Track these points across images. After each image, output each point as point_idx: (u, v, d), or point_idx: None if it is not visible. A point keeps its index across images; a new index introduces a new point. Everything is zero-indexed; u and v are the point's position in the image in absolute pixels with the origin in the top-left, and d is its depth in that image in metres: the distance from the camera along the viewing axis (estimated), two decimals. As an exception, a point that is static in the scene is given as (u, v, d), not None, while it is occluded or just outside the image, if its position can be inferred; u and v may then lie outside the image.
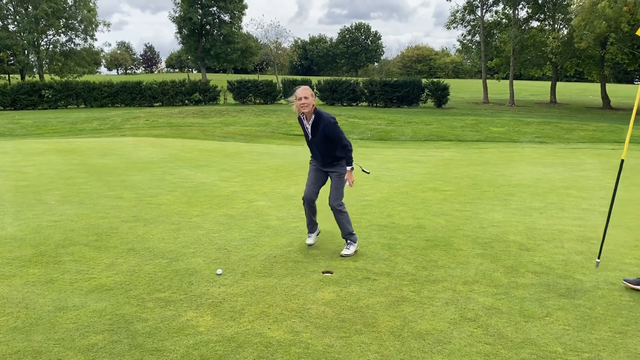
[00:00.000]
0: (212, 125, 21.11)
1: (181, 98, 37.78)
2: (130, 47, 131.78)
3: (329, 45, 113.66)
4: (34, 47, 56.10)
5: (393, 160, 13.13)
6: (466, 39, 46.99)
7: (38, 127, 22.85)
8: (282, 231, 6.19)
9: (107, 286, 4.42)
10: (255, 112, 26.76)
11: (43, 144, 16.42)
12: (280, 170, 11.20)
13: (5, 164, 11.75)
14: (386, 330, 3.62)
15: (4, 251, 5.37)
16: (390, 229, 6.27)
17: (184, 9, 59.79)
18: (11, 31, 56.14)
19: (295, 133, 20.36)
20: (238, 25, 63.85)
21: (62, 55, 57.91)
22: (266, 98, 38.92)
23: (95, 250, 5.44)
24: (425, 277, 4.66)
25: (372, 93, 37.81)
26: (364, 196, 8.30)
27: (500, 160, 12.91)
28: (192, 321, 3.75)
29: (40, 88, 36.51)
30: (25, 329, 3.60)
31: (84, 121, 24.62)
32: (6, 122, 24.44)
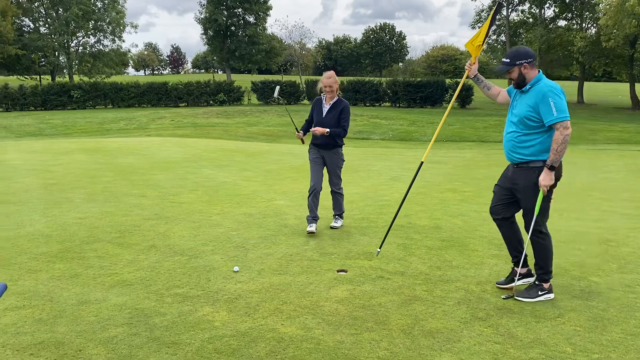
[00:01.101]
0: (235, 126, 21.37)
1: (206, 98, 38.31)
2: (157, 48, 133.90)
3: (353, 46, 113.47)
4: (64, 48, 57.40)
5: (413, 161, 13.13)
6: (491, 38, 46.53)
7: (67, 127, 23.43)
8: (300, 230, 6.29)
9: (128, 281, 4.58)
10: (278, 112, 26.96)
11: (71, 143, 16.85)
12: (301, 170, 11.30)
13: (34, 163, 12.12)
14: (397, 328, 3.69)
15: (32, 247, 5.58)
16: (406, 229, 6.32)
17: (210, 11, 60.47)
18: (42, 33, 57.55)
19: (317, 133, 20.53)
20: (263, 26, 64.31)
21: (91, 57, 59.09)
22: (289, 98, 39.19)
23: (118, 247, 5.62)
24: (439, 277, 4.70)
25: (395, 93, 37.77)
26: (381, 196, 8.35)
27: (523, 161, 12.79)
28: (207, 316, 3.87)
29: (70, 89, 37.42)
30: (50, 321, 3.76)
31: (111, 121, 25.15)
32: (37, 122, 25.11)
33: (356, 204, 7.80)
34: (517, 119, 4.09)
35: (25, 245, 5.63)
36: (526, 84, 4.08)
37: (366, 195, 8.44)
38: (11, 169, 11.18)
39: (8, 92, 35.85)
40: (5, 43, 46.77)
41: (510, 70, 4.08)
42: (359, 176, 10.51)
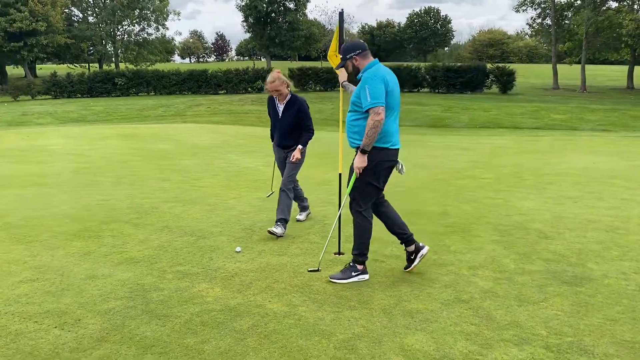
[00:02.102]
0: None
1: (244, 86, 38.80)
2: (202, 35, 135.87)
3: (396, 30, 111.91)
4: (110, 37, 59.14)
5: (440, 148, 13.07)
6: (536, 22, 45.14)
7: (108, 113, 24.30)
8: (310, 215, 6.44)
9: (135, 259, 4.86)
10: (312, 99, 27.10)
11: (109, 129, 17.51)
12: (324, 156, 11.44)
13: (72, 148, 12.73)
14: (378, 307, 3.82)
15: (54, 226, 5.96)
16: (414, 215, 6.37)
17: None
18: (91, 22, 59.41)
19: (349, 120, 20.57)
20: (302, 12, 64.40)
21: (136, 45, 60.62)
22: (327, 85, 39.23)
23: (133, 227, 5.94)
24: (433, 260, 4.78)
25: (435, 79, 37.26)
26: (398, 184, 8.40)
27: (552, 148, 12.54)
28: (202, 292, 4.10)
29: (114, 76, 38.61)
30: (57, 293, 4.07)
31: (150, 108, 25.90)
32: (80, 108, 26.13)
33: (370, 189, 7.89)
34: (351, 105, 4.28)
35: (49, 224, 6.02)
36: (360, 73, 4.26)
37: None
38: (49, 154, 11.79)
39: (56, 80, 37.33)
40: (55, 32, 48.62)
41: (345, 65, 4.31)
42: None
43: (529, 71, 57.46)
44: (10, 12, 44.26)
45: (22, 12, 44.60)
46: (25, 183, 8.48)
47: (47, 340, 3.34)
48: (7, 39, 45.07)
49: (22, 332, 3.44)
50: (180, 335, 3.42)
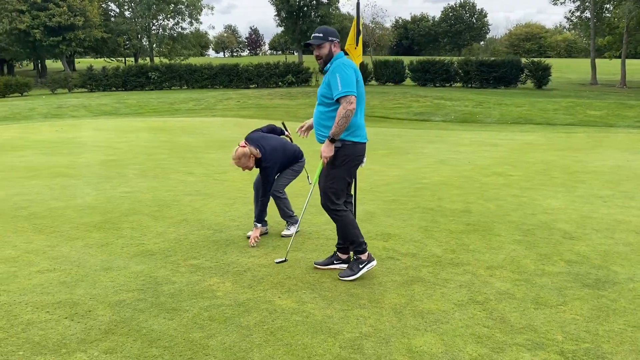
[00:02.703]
0: (297, 107, 21.68)
1: (275, 80, 38.90)
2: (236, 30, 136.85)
3: (431, 24, 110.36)
4: (145, 31, 60.10)
5: (467, 144, 12.82)
6: (574, 15, 43.86)
7: (140, 106, 24.70)
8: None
9: (151, 251, 4.90)
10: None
11: (140, 122, 17.80)
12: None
13: (102, 140, 12.97)
14: (389, 306, 3.74)
15: (77, 217, 6.06)
16: (434, 212, 6.26)
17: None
18: (127, 17, 60.49)
19: (377, 115, 20.36)
20: (335, 6, 64.12)
21: (170, 39, 61.45)
22: (357, 79, 38.95)
23: (153, 220, 5.99)
24: (450, 260, 4.67)
25: (467, 73, 36.60)
26: (420, 179, 8.28)
27: (585, 145, 12.15)
28: (213, 286, 4.09)
29: (148, 70, 39.23)
30: (72, 284, 4.13)
31: (181, 101, 26.21)
32: (114, 101, 26.64)
33: (391, 185, 7.79)
34: (319, 99, 4.11)
35: (71, 216, 6.12)
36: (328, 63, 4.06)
37: (405, 178, 8.39)
38: (79, 146, 12.03)
39: (92, 73, 38.17)
40: (92, 27, 49.70)
41: (322, 44, 4.01)
42: (405, 158, 10.43)
43: (566, 66, 55.94)
44: (50, 7, 45.43)
45: (61, 7, 45.71)
46: (54, 174, 8.67)
47: (56, 331, 3.38)
48: (47, 33, 46.29)
49: (33, 322, 3.49)
50: (187, 329, 3.41)
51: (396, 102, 23.95)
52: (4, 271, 4.39)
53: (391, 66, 39.02)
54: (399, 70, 38.85)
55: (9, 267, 4.48)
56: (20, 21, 44.29)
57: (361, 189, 7.53)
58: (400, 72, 38.82)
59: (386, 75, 39.12)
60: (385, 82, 39.18)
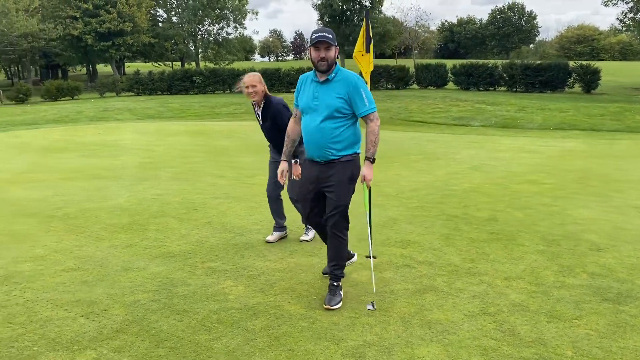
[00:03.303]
0: (334, 111, 21.75)
1: (316, 83, 39.02)
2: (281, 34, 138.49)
3: (477, 27, 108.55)
4: (192, 36, 61.53)
5: (505, 150, 12.54)
6: (627, 16, 42.22)
7: (182, 110, 25.29)
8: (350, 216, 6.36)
9: (172, 253, 5.02)
10: (380, 97, 26.87)
11: (180, 126, 18.24)
12: (380, 156, 11.25)
13: (141, 143, 13.36)
14: (397, 315, 3.71)
15: (107, 218, 6.28)
16: (457, 220, 6.17)
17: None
18: (174, 22, 62.11)
19: (415, 119, 20.17)
20: (378, 10, 63.96)
21: (215, 44, 62.70)
22: (398, 83, 38.74)
23: (179, 222, 6.13)
24: (467, 269, 4.59)
25: (512, 77, 35.74)
26: (449, 186, 8.16)
27: (629, 153, 11.68)
28: (226, 289, 4.17)
29: (192, 75, 40.08)
30: (92, 283, 4.28)
31: (222, 105, 26.70)
32: (158, 105, 27.37)
33: (418, 192, 7.72)
34: (327, 110, 3.69)
35: (102, 216, 6.35)
36: (332, 71, 3.73)
37: (433, 184, 8.29)
38: (119, 148, 12.44)
39: (139, 77, 39.30)
40: (140, 32, 51.25)
41: (331, 47, 3.64)
42: (436, 164, 10.30)
43: (619, 69, 53.86)
44: (101, 14, 47.13)
45: (111, 14, 47.34)
46: (91, 176, 9.00)
47: (71, 328, 3.52)
48: (97, 39, 48.03)
49: (50, 319, 3.64)
50: (194, 331, 3.49)
51: (435, 106, 23.66)
52: (32, 269, 4.59)
53: (433, 70, 38.56)
54: (441, 74, 38.35)
55: (36, 265, 4.68)
56: (73, 27, 46.12)
57: (386, 195, 7.50)
58: (442, 76, 38.31)
59: (428, 79, 38.68)
60: (427, 85, 38.73)
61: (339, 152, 3.77)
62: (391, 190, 7.85)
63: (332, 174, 3.80)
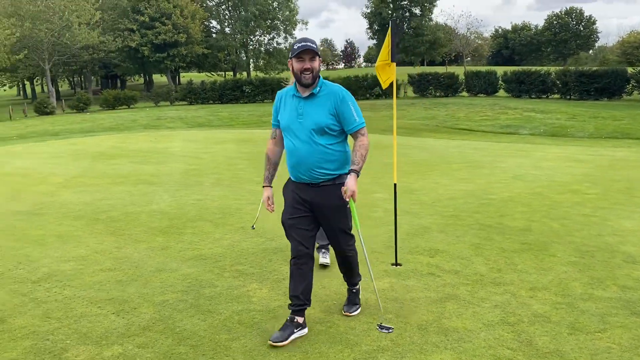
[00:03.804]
0: (378, 119, 21.70)
1: (363, 92, 39.17)
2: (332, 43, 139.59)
3: (533, 33, 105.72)
4: (243, 46, 62.95)
5: (552, 159, 12.21)
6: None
7: (231, 119, 25.92)
8: (381, 223, 6.42)
9: (203, 256, 5.22)
10: (427, 105, 26.69)
11: (228, 134, 18.71)
12: (420, 164, 11.26)
13: (188, 151, 13.81)
14: (415, 322, 3.73)
15: (148, 221, 6.57)
16: (490, 230, 6.09)
17: (375, 5, 61.48)
18: (227, 33, 63.75)
19: (461, 127, 19.89)
20: (428, 18, 63.52)
21: (266, 54, 63.89)
22: (447, 91, 38.33)
23: (214, 226, 6.34)
24: (493, 279, 4.55)
25: (566, 84, 34.71)
26: (487, 195, 8.04)
27: (685, 162, 11.14)
28: (250, 292, 4.30)
29: (242, 84, 41.05)
30: (126, 283, 4.52)
31: (269, 114, 27.08)
32: (208, 114, 28.16)
33: (455, 200, 7.65)
34: (315, 128, 3.37)
35: (143, 220, 6.64)
36: (316, 84, 3.41)
37: (472, 193, 8.19)
38: (167, 155, 12.92)
39: (192, 87, 40.59)
40: (194, 43, 52.89)
41: (315, 57, 3.34)
42: (478, 173, 10.16)
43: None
44: (157, 26, 48.97)
45: (166, 26, 49.12)
46: (138, 181, 9.41)
47: (102, 325, 3.73)
48: (153, 50, 49.91)
49: (84, 315, 3.88)
50: (215, 331, 3.63)
51: (483, 114, 23.26)
52: (73, 268, 4.88)
53: (483, 77, 37.98)
54: (491, 82, 37.71)
55: (78, 265, 4.97)
56: (131, 39, 48.14)
57: (422, 203, 7.49)
58: (492, 83, 37.67)
59: (478, 86, 38.12)
60: (477, 93, 38.16)
61: (331, 173, 3.46)
62: (427, 199, 7.82)
63: (324, 198, 3.48)
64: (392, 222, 6.41)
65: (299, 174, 3.50)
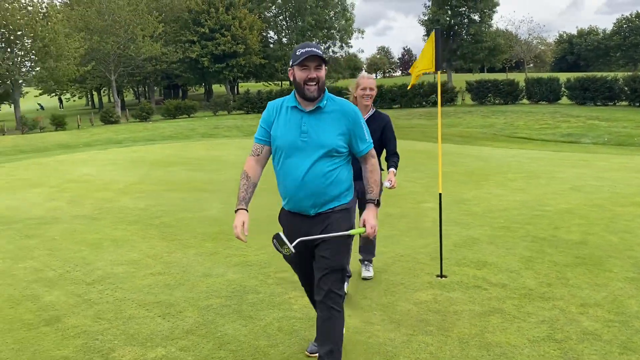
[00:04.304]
0: (433, 127, 21.40)
1: (419, 100, 38.75)
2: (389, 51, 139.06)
3: (600, 38, 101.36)
4: (300, 56, 63.72)
5: (615, 169, 11.63)
6: None
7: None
8: (428, 234, 6.32)
9: (249, 262, 5.31)
10: (484, 113, 26.08)
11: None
12: (474, 173, 11.01)
13: (243, 159, 14.09)
14: (456, 336, 3.65)
15: (199, 227, 6.76)
16: (543, 242, 5.88)
17: (433, 11, 60.79)
18: (284, 43, 64.82)
19: (519, 135, 19.30)
20: (488, 24, 62.20)
21: (322, 63, 64.39)
22: (507, 98, 37.30)
23: (261, 233, 6.42)
24: (542, 293, 4.38)
25: (635, 91, 32.99)
26: (543, 206, 7.76)
27: None
28: (292, 299, 4.34)
29: (297, 93, 41.50)
30: (174, 287, 4.66)
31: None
32: (264, 122, 28.64)
33: (508, 211, 7.43)
34: (322, 150, 2.85)
35: (194, 225, 6.84)
36: (322, 97, 2.90)
37: (526, 204, 7.93)
38: (221, 163, 13.24)
39: (248, 97, 41.44)
40: (251, 54, 54.03)
41: (322, 65, 2.85)
42: (535, 183, 9.82)
43: None
44: (216, 37, 50.38)
45: (226, 37, 50.43)
46: (191, 188, 9.70)
47: (148, 327, 3.87)
48: (213, 60, 51.35)
49: (133, 317, 4.03)
50: (255, 336, 3.69)
51: (543, 122, 22.48)
52: (125, 271, 5.09)
53: (545, 84, 36.67)
54: (553, 89, 36.35)
55: (130, 268, 5.18)
56: (192, 51, 49.72)
57: (473, 213, 7.33)
58: (554, 90, 36.29)
59: (539, 93, 36.84)
60: (538, 100, 36.90)
61: (335, 199, 2.95)
62: (479, 209, 7.64)
63: (325, 227, 2.93)
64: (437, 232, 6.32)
65: (298, 202, 2.99)
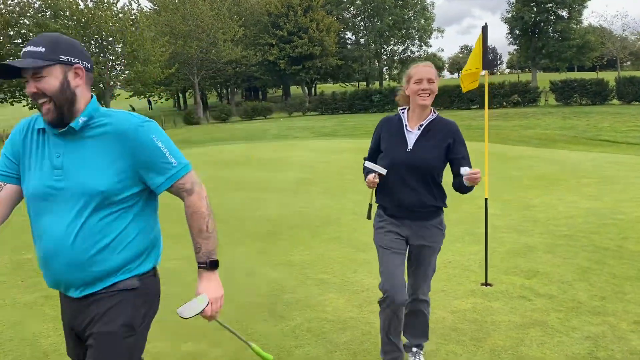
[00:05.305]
0: (509, 128, 20.58)
1: (499, 100, 37.38)
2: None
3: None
4: (376, 57, 63.51)
5: None
6: None
7: (356, 128, 26.25)
8: (482, 240, 6.08)
9: (292, 262, 5.37)
10: (566, 114, 24.72)
11: (349, 143, 18.96)
12: (546, 178, 10.47)
13: (307, 160, 14.25)
14: (489, 347, 3.50)
15: (252, 226, 6.92)
16: (605, 253, 5.49)
17: (517, 9, 58.41)
18: (361, 44, 64.82)
19: (603, 138, 18.10)
20: (576, 20, 58.89)
21: (399, 63, 63.83)
22: (594, 99, 35.15)
23: (310, 234, 6.49)
24: (592, 307, 4.10)
25: None
26: (614, 214, 7.25)
27: None
28: (326, 301, 4.34)
29: (371, 94, 41.37)
30: (216, 283, 4.79)
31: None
32: (335, 124, 28.80)
33: (573, 219, 7.01)
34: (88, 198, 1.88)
35: (248, 225, 7.01)
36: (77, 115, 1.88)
37: (595, 211, 7.44)
38: (286, 164, 13.46)
39: (323, 98, 41.85)
40: (328, 55, 54.45)
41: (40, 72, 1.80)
42: (609, 189, 9.19)
43: None
44: (294, 40, 51.23)
45: (303, 39, 51.16)
46: (253, 188, 9.93)
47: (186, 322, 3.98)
48: (290, 63, 52.26)
49: (173, 312, 4.19)
50: (283, 336, 3.73)
51: (631, 124, 20.95)
52: (175, 266, 5.30)
53: (638, 83, 34.24)
54: (648, 88, 33.89)
55: (180, 264, 5.39)
56: (270, 53, 50.89)
57: (535, 220, 6.99)
58: (649, 90, 33.83)
59: (632, 93, 34.44)
60: (630, 101, 34.50)
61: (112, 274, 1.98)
62: (542, 216, 7.27)
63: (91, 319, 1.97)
64: (495, 239, 6.10)
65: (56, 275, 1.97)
